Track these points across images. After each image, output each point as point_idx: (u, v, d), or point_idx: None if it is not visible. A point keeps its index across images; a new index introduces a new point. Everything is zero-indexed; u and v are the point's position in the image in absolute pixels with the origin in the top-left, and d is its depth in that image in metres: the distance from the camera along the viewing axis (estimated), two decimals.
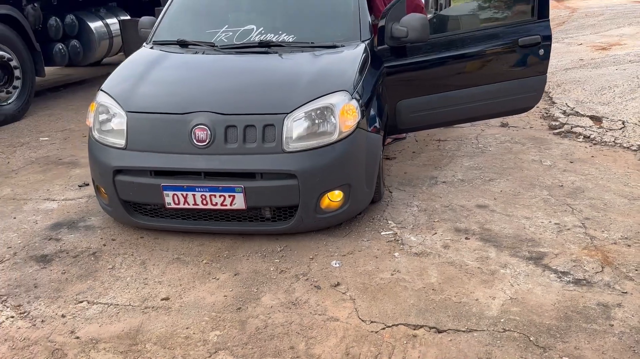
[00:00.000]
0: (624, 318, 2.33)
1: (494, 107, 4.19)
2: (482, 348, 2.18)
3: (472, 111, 4.17)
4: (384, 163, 4.31)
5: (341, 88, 3.05)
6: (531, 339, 2.22)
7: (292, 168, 2.86)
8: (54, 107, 6.85)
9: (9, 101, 6.16)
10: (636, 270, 2.70)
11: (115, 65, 10.19)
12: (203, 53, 3.61)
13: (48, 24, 7.01)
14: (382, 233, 3.16)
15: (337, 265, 2.83)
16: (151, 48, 3.78)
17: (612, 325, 2.29)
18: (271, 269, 2.83)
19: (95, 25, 7.89)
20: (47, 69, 7.09)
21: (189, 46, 3.69)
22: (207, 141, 2.90)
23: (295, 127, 2.90)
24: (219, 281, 2.74)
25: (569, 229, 3.13)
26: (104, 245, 3.13)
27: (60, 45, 7.28)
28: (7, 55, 6.10)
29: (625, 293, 2.51)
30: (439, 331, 2.29)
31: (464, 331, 2.28)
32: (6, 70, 6.13)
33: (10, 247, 3.16)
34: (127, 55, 7.46)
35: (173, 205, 2.96)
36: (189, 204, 2.94)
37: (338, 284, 2.66)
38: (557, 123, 5.09)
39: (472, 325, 2.32)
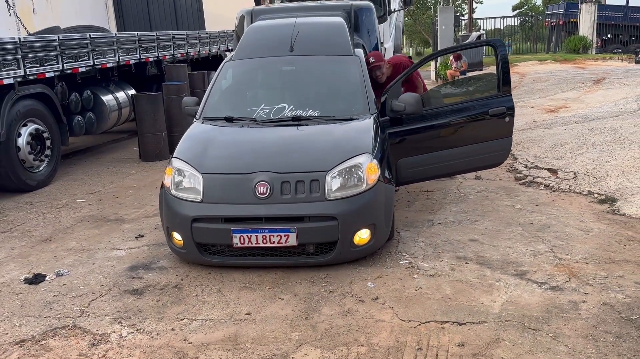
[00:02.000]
0: (587, 309, 3.27)
1: (472, 163, 5.24)
2: (492, 332, 3.06)
3: (455, 166, 5.20)
4: None
5: (364, 151, 4.03)
6: (525, 325, 3.12)
7: (333, 212, 3.77)
8: (74, 172, 7.59)
9: (41, 168, 6.91)
10: (593, 279, 3.66)
11: (122, 132, 11.05)
12: (248, 126, 4.54)
13: (70, 99, 7.86)
14: (400, 262, 4.06)
15: (372, 286, 3.69)
16: (202, 123, 4.69)
17: (580, 314, 3.22)
18: (322, 290, 3.66)
19: (106, 98, 8.78)
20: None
21: (235, 121, 4.62)
22: (267, 193, 3.78)
23: (333, 181, 3.83)
24: (284, 300, 3.55)
25: (542, 254, 4.10)
26: (182, 280, 3.90)
27: (79, 117, 8.12)
28: (41, 128, 6.90)
29: (587, 294, 3.46)
30: (460, 324, 3.17)
31: (477, 323, 3.17)
32: (39, 141, 6.91)
33: (102, 285, 3.89)
34: (138, 124, 8.36)
35: (240, 245, 3.79)
36: (252, 243, 3.78)
37: (377, 298, 3.52)
38: (521, 175, 6.20)
39: (483, 318, 3.21)
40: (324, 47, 5.23)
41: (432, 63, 19.15)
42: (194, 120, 4.81)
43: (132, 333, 3.23)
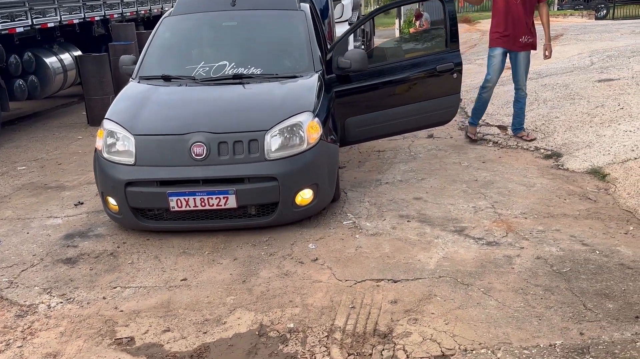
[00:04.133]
0: (521, 263, 3.32)
1: (420, 121, 5.21)
2: (426, 288, 3.08)
3: (403, 125, 5.16)
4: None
5: (306, 109, 3.93)
6: (458, 280, 3.15)
7: (273, 172, 3.69)
8: (18, 139, 7.28)
9: None
10: (530, 233, 3.71)
11: (71, 97, 10.65)
12: (186, 85, 4.38)
13: (9, 62, 7.47)
14: (343, 223, 4.03)
15: (313, 247, 3.67)
16: (138, 82, 4.50)
17: (513, 268, 3.27)
18: (262, 253, 3.62)
19: (50, 60, 8.39)
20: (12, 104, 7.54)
21: (172, 80, 4.45)
22: (204, 154, 3.67)
23: (273, 140, 3.73)
24: (223, 264, 3.49)
25: (482, 210, 4.13)
26: (118, 247, 3.80)
27: (20, 81, 7.75)
28: None
29: (523, 248, 3.51)
30: (395, 281, 3.17)
31: (412, 280, 3.18)
32: None
33: (35, 255, 3.76)
34: (84, 87, 8.03)
35: (177, 208, 3.69)
36: (190, 206, 3.68)
37: (317, 259, 3.49)
38: None
39: (417, 275, 3.22)
40: (267, 1, 5.05)
41: (396, 21, 18.94)
42: (130, 79, 4.62)
43: (61, 303, 3.14)
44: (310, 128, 3.85)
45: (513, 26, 5.46)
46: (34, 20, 7.60)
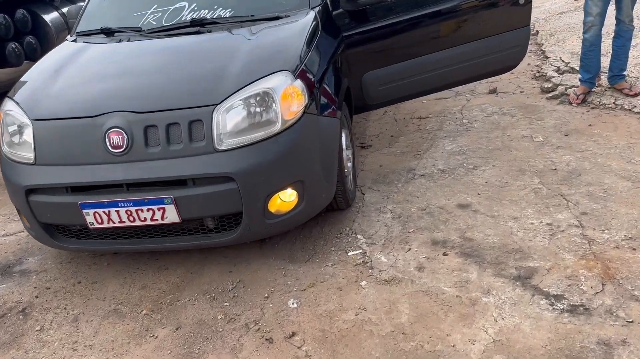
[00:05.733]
0: None
1: (472, 69, 3.71)
2: None
3: (448, 76, 3.69)
4: (358, 153, 3.87)
5: (282, 68, 2.59)
6: None
7: (228, 169, 2.42)
8: None
9: None
10: None
11: None
12: (128, 40, 3.14)
13: None
14: (349, 254, 2.76)
15: (295, 306, 2.45)
16: (74, 41, 3.32)
17: None
18: (219, 317, 2.44)
19: (50, 17, 7.32)
20: (4, 71, 6.63)
21: (115, 34, 3.23)
22: (125, 146, 2.46)
23: (227, 119, 2.45)
24: (157, 339, 2.37)
25: (563, 230, 2.70)
26: (36, 297, 2.76)
27: (13, 45, 6.76)
28: None
29: (631, 322, 2.11)
30: None
31: None
32: None
33: None
34: None
35: (97, 225, 2.54)
36: (114, 222, 2.53)
37: (293, 334, 2.28)
38: (550, 85, 4.57)
39: None
40: None
41: None
42: (67, 38, 3.44)
43: None
44: (288, 97, 2.53)
45: None
46: None
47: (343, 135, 3.07)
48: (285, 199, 2.60)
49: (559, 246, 2.59)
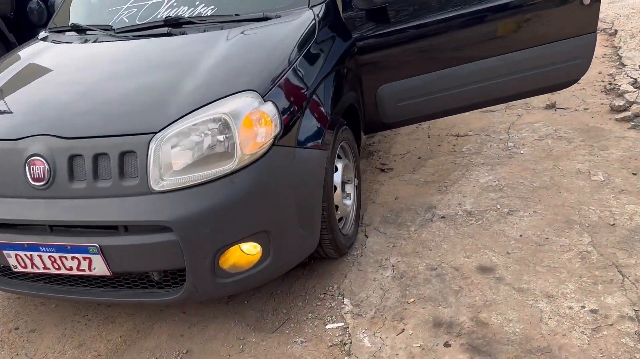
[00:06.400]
0: None
1: (515, 85, 3.01)
2: None
3: (486, 92, 3.01)
4: (375, 178, 3.28)
5: (247, 87, 2.04)
6: None
7: (164, 217, 1.90)
8: None
9: None
10: None
11: None
12: (94, 41, 2.70)
13: (29, 9, 6.27)
14: (327, 327, 2.20)
15: None
16: (44, 38, 2.92)
17: None
18: None
19: None
20: None
21: (87, 32, 2.80)
22: (46, 179, 2.00)
23: (167, 153, 1.93)
24: None
25: (611, 324, 2.01)
26: None
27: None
28: None
29: None
30: None
31: None
32: None
33: None
34: None
35: (20, 268, 2.12)
36: (38, 267, 2.08)
37: None
38: (622, 103, 3.73)
39: None
40: None
41: None
42: (39, 34, 3.06)
43: None
44: (252, 125, 1.97)
45: None
46: None
47: (339, 167, 2.50)
48: (246, 253, 2.07)
49: (602, 351, 1.90)
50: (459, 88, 2.96)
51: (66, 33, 2.90)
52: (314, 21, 2.50)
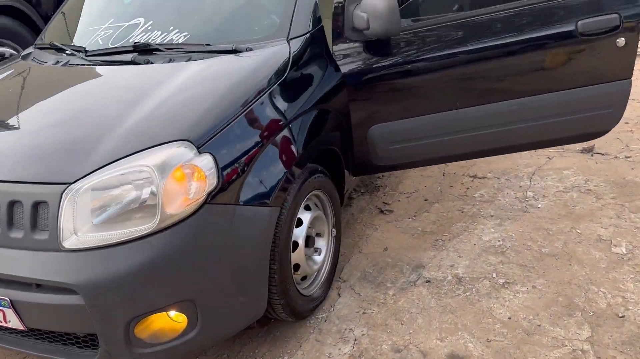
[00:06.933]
0: None
1: (532, 133, 2.64)
2: None
3: (495, 140, 2.66)
4: (371, 221, 3.01)
5: (179, 137, 1.82)
6: None
7: (70, 279, 1.71)
8: None
9: None
10: None
11: None
12: (65, 64, 2.58)
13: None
14: None
15: None
16: (26, 55, 2.85)
17: None
18: None
19: None
20: None
21: (65, 51, 2.70)
22: None
23: (81, 207, 1.74)
24: None
25: None
26: None
27: None
28: (8, 51, 5.59)
29: None
30: None
31: None
32: None
33: None
34: None
35: None
36: None
37: None
38: None
39: None
40: None
41: None
42: (25, 50, 3.01)
43: None
44: (180, 180, 1.76)
45: None
46: None
47: (305, 220, 2.25)
48: (172, 319, 1.87)
49: None
50: (461, 134, 2.62)
51: (46, 51, 2.81)
52: (287, 57, 2.26)
